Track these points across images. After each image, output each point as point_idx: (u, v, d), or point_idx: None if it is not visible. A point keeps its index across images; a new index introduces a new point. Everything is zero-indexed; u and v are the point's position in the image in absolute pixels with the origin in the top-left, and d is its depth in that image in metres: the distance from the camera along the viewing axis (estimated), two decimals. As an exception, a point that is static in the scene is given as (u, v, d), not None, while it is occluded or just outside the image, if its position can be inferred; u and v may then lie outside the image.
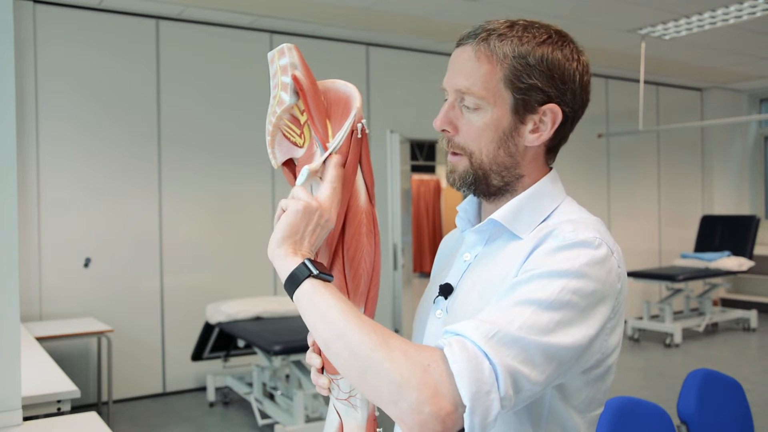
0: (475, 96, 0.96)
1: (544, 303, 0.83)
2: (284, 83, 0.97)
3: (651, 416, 1.71)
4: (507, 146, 0.98)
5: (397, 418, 0.79)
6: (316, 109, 0.97)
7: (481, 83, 0.96)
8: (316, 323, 0.86)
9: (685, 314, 7.17)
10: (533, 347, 0.81)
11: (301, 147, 1.01)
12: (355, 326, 0.82)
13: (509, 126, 0.97)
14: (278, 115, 0.99)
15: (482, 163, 0.99)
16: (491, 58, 0.96)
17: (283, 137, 1.03)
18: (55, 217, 4.62)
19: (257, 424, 4.25)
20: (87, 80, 4.75)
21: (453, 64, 0.99)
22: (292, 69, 0.96)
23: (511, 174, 1.00)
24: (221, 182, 5.23)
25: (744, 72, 7.42)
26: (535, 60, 0.95)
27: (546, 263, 0.88)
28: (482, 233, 1.04)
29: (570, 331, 0.84)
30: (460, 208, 1.10)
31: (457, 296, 1.02)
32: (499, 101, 0.96)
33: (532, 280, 0.86)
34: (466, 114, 0.98)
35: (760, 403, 4.52)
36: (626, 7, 4.95)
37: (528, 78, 0.95)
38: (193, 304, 5.03)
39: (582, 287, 0.86)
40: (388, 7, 4.89)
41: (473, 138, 0.98)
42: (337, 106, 0.99)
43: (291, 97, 0.97)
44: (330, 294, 0.86)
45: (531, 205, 1.00)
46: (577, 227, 0.92)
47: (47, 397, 2.34)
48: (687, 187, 8.26)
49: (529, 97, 0.96)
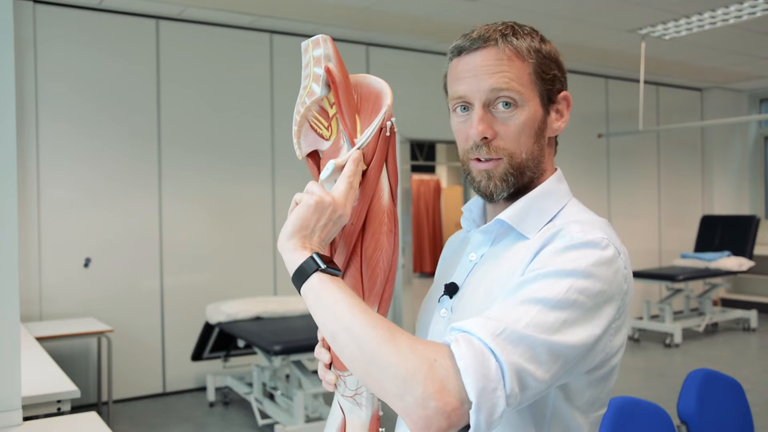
0: (515, 91, 0.96)
1: (551, 302, 0.83)
2: (316, 74, 0.96)
3: (651, 416, 1.70)
4: (539, 140, 1.01)
5: (402, 412, 0.79)
6: (346, 104, 0.96)
7: (517, 80, 0.97)
8: (324, 317, 0.86)
9: (685, 314, 7.17)
10: (539, 345, 0.81)
11: (328, 140, 1.01)
12: (362, 320, 0.82)
13: (542, 118, 1.00)
14: (307, 105, 0.98)
15: (522, 161, 0.99)
16: (519, 55, 0.98)
17: (310, 128, 1.02)
18: (55, 217, 4.62)
19: (257, 424, 4.25)
20: (87, 80, 4.75)
21: (478, 69, 0.98)
22: (326, 61, 0.96)
23: (538, 168, 1.02)
24: (221, 182, 5.23)
25: (744, 72, 7.42)
26: (547, 53, 1.00)
27: (553, 262, 0.88)
28: (489, 233, 1.04)
29: (576, 330, 0.84)
30: (465, 208, 1.11)
31: (462, 295, 1.02)
32: (532, 95, 0.98)
33: (538, 279, 0.86)
34: (500, 116, 0.98)
35: (760, 403, 4.52)
36: (626, 7, 4.95)
37: (550, 69, 1.00)
38: (193, 304, 5.03)
39: (589, 287, 0.86)
40: (388, 7, 4.89)
41: (513, 138, 0.98)
42: (368, 102, 0.98)
43: (322, 89, 0.96)
44: (337, 288, 0.86)
45: (538, 206, 1.00)
46: (584, 227, 0.93)
47: (47, 397, 2.34)
48: (687, 187, 8.26)
49: (553, 87, 1.01)
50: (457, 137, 1.03)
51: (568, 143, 6.98)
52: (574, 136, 7.08)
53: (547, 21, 5.07)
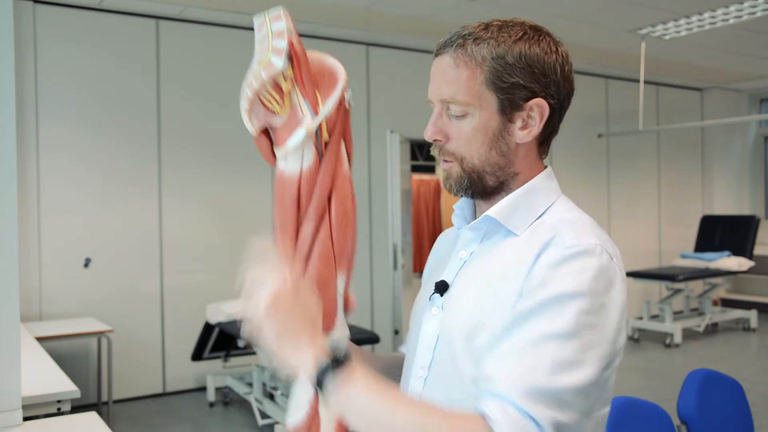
0: (460, 103, 0.97)
1: (564, 334, 0.85)
2: (277, 48, 0.96)
3: (651, 416, 1.71)
4: (498, 146, 0.99)
5: None
6: (307, 76, 0.97)
7: (464, 90, 0.97)
8: (357, 414, 0.87)
9: (685, 314, 7.17)
10: (566, 393, 0.84)
11: (279, 115, 1.01)
12: (392, 415, 0.84)
13: (498, 126, 0.98)
14: (263, 80, 0.98)
15: (474, 166, 1.00)
16: (470, 63, 0.97)
17: (260, 105, 1.02)
18: (55, 217, 4.62)
19: (257, 424, 4.25)
20: (87, 80, 4.74)
21: (434, 75, 1.01)
22: (289, 34, 0.96)
23: (505, 173, 1.01)
24: (221, 182, 5.22)
25: (744, 72, 7.42)
26: (514, 58, 0.96)
27: (553, 281, 0.89)
28: (477, 230, 1.04)
29: (593, 352, 0.87)
30: (456, 206, 1.12)
31: (452, 293, 1.02)
32: (485, 104, 0.97)
33: (544, 309, 0.87)
34: (454, 121, 0.99)
35: (760, 403, 4.52)
36: (626, 7, 4.95)
37: (509, 77, 0.96)
38: (193, 304, 5.02)
39: (593, 304, 0.88)
40: (388, 7, 4.89)
41: (464, 144, 0.99)
42: (322, 77, 1.01)
43: (284, 62, 0.96)
44: (363, 380, 0.87)
45: (526, 202, 1.01)
46: (577, 232, 0.94)
47: (47, 397, 2.34)
48: (687, 187, 8.26)
49: (513, 95, 0.97)
50: None
51: (568, 143, 6.99)
52: (574, 136, 7.08)
53: (547, 21, 5.04)
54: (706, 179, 8.39)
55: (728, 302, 8.02)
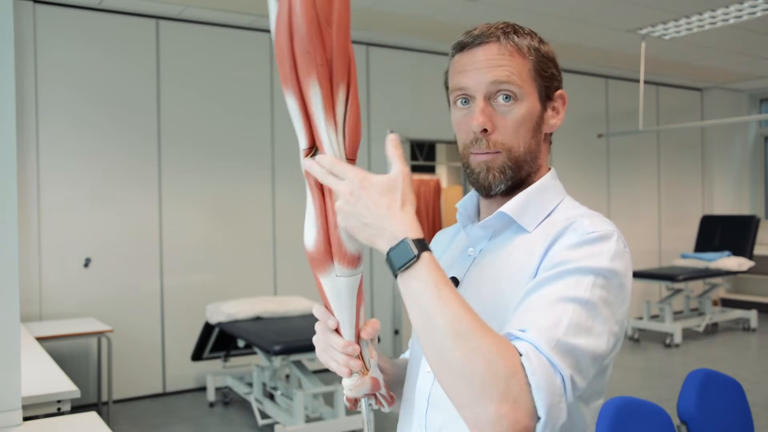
0: (515, 85, 0.99)
1: (582, 300, 0.86)
2: None
3: (651, 416, 1.71)
4: (537, 135, 1.03)
5: (470, 422, 0.81)
6: None
7: (517, 74, 1.00)
8: (420, 308, 0.85)
9: (685, 314, 7.17)
10: (584, 355, 0.84)
11: None
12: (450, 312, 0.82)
13: (539, 114, 1.03)
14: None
15: (520, 156, 1.02)
16: (520, 51, 1.00)
17: None
18: (55, 217, 4.62)
19: (257, 424, 4.25)
20: (87, 80, 4.75)
21: (480, 62, 1.00)
22: None
23: (533, 165, 1.04)
24: (221, 182, 5.23)
25: (744, 72, 7.42)
26: (546, 52, 1.03)
27: (572, 259, 0.90)
28: (488, 228, 1.06)
29: (607, 326, 0.88)
30: (459, 205, 1.13)
31: (463, 289, 1.03)
32: (531, 91, 1.01)
33: (562, 277, 0.88)
34: (500, 110, 1.00)
35: (760, 403, 4.52)
36: (626, 7, 4.95)
37: (548, 68, 1.03)
38: (193, 304, 5.02)
39: (611, 282, 0.90)
40: (388, 7, 4.89)
41: (512, 132, 1.01)
42: None
43: None
44: (434, 269, 0.85)
45: (537, 199, 1.03)
46: (593, 220, 0.96)
47: (47, 397, 2.35)
48: (687, 187, 8.26)
49: (550, 84, 1.04)
50: (457, 130, 1.05)
51: (568, 143, 6.99)
52: (574, 136, 7.08)
53: (547, 21, 5.08)
54: (706, 179, 8.39)
55: (728, 302, 8.02)
